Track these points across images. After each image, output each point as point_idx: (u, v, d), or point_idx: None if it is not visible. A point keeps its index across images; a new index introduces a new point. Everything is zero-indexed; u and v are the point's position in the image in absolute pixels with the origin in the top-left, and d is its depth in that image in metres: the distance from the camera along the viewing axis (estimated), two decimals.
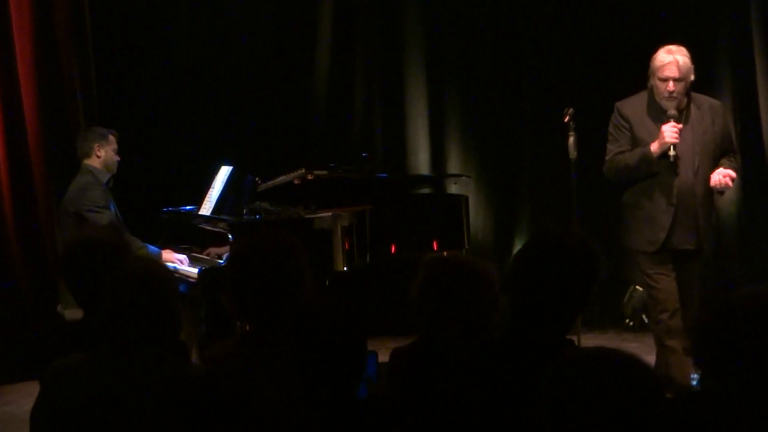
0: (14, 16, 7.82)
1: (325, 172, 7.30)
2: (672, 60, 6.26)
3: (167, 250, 7.10)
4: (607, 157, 6.54)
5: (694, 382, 6.01)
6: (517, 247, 8.22)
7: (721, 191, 6.42)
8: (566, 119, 7.15)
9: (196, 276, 6.79)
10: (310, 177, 7.15)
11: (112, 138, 7.31)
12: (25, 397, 6.59)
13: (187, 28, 9.06)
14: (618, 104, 6.53)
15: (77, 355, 3.49)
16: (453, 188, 8.56)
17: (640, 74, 8.67)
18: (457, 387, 3.22)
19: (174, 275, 3.73)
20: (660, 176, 6.34)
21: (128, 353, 3.40)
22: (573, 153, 7.14)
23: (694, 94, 6.45)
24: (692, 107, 6.39)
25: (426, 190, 8.68)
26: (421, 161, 9.41)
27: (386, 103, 9.44)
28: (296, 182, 7.20)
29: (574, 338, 5.78)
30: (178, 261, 7.05)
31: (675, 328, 6.28)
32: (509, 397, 3.01)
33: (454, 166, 9.35)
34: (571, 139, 7.14)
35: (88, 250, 4.14)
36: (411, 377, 3.61)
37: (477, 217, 9.04)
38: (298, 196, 7.26)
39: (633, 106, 6.47)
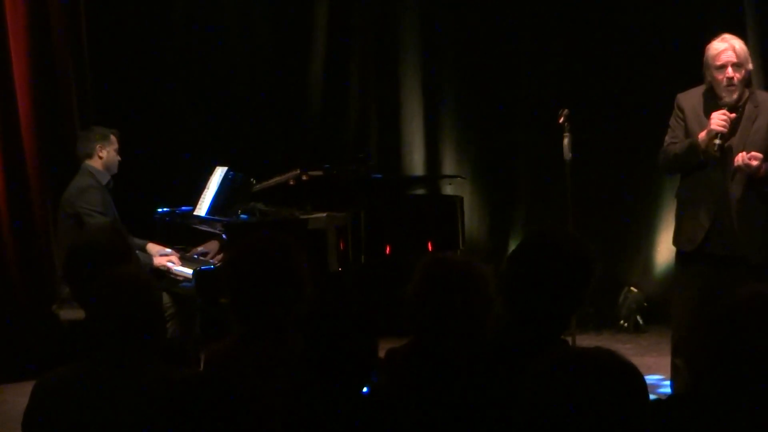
0: (9, 17, 7.81)
1: (319, 173, 7.30)
2: (728, 46, 5.90)
3: (156, 252, 7.11)
4: (661, 149, 6.20)
5: None
6: (512, 248, 8.20)
7: (745, 171, 5.86)
8: (561, 120, 7.15)
9: (190, 277, 6.80)
10: (305, 178, 7.16)
11: (113, 138, 7.29)
12: (20, 396, 6.56)
13: (183, 29, 9.06)
14: (678, 96, 6.18)
15: (65, 366, 3.49)
16: (448, 189, 8.57)
17: (635, 75, 8.74)
18: (453, 387, 3.23)
19: (154, 279, 3.74)
20: (708, 173, 5.97)
21: (117, 361, 3.40)
22: (568, 154, 7.14)
23: (756, 90, 6.12)
24: (749, 104, 5.99)
25: (421, 191, 8.69)
26: (416, 162, 9.41)
27: (381, 103, 9.45)
28: (291, 183, 7.21)
29: (569, 339, 5.78)
30: (169, 262, 7.05)
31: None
32: (504, 398, 3.02)
33: (449, 166, 9.36)
34: (566, 140, 7.14)
35: (91, 251, 4.15)
36: (406, 378, 3.62)
37: (472, 218, 9.04)
38: (293, 197, 7.26)
39: (690, 98, 6.11)
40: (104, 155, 7.23)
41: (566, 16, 8.98)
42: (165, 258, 7.08)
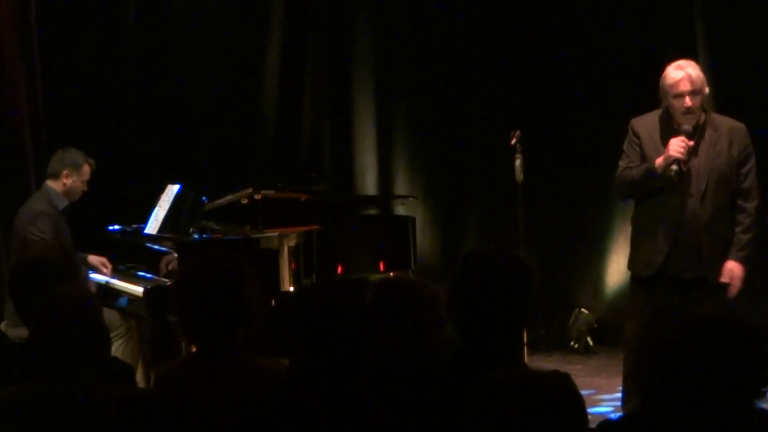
0: None
1: (272, 192, 7.30)
2: (684, 75, 5.90)
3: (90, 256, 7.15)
4: (616, 173, 6.19)
5: None
6: None
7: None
8: (513, 142, 7.19)
9: (141, 294, 6.77)
10: (257, 197, 7.15)
11: (86, 169, 7.24)
12: None
13: (137, 46, 9.02)
14: (632, 121, 6.17)
15: (11, 386, 3.46)
16: (400, 209, 8.59)
17: (586, 98, 8.80)
18: (404, 408, 3.23)
19: (95, 296, 3.73)
20: (665, 197, 5.98)
21: (61, 379, 3.37)
22: (519, 176, 7.18)
23: (714, 115, 6.12)
24: (708, 128, 6.00)
25: (373, 211, 8.70)
26: (369, 182, 9.43)
27: (334, 123, 9.46)
28: (244, 202, 7.20)
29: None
30: (100, 264, 7.09)
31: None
32: (452, 416, 3.03)
33: (401, 187, 9.38)
34: (518, 162, 7.18)
35: (36, 269, 4.12)
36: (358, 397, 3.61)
37: (424, 238, 9.05)
38: (246, 216, 7.25)
39: (645, 123, 6.12)
40: (68, 183, 7.18)
41: (519, 38, 9.03)
42: (97, 259, 7.09)
